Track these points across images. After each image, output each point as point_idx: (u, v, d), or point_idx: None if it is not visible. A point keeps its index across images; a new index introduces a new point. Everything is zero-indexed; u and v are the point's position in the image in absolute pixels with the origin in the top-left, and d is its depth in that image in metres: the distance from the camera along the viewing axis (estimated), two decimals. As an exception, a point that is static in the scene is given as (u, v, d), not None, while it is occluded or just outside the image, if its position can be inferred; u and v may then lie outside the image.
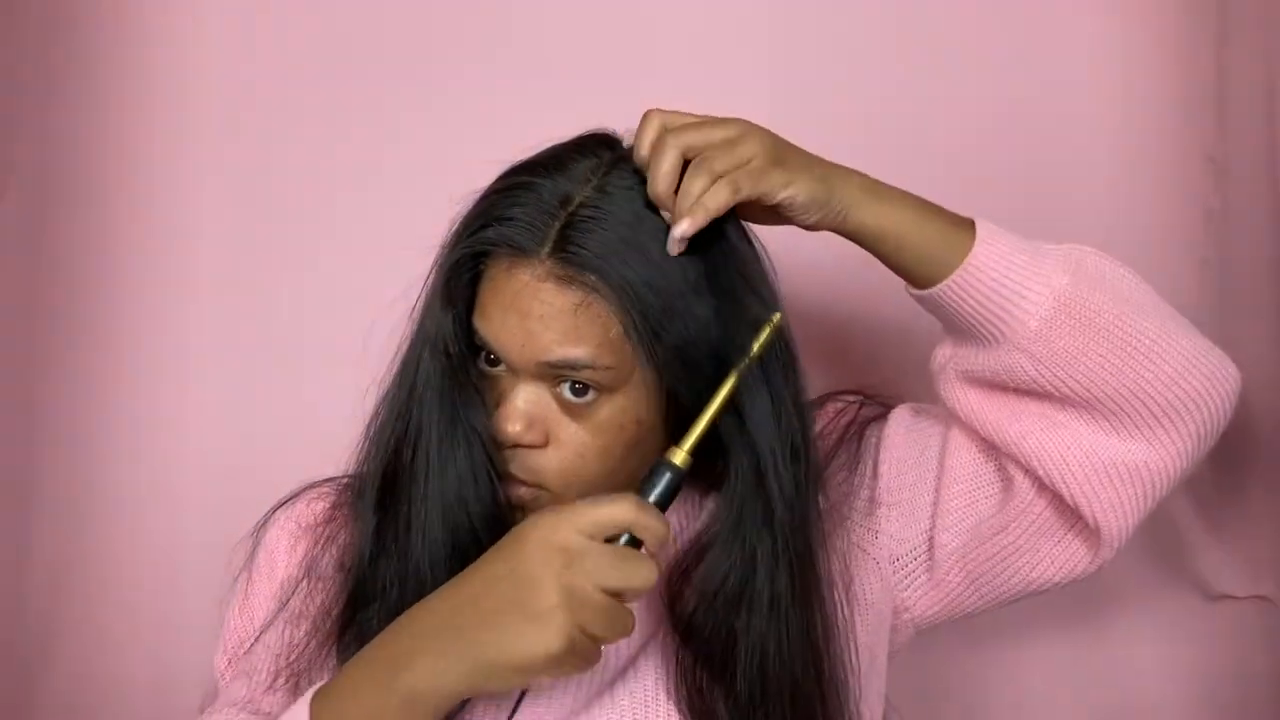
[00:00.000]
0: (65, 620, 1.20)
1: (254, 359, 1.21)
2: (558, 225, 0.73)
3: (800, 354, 0.81)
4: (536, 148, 0.80)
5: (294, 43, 1.21)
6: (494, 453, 0.78)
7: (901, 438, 0.89)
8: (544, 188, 0.74)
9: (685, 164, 0.74)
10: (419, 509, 0.78)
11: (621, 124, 0.82)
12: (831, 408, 0.93)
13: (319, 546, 0.86)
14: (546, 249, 0.73)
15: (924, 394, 0.92)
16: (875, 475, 0.88)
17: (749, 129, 0.76)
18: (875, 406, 0.93)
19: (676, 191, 0.74)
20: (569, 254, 0.73)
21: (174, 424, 1.21)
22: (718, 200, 0.72)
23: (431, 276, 0.81)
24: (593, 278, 0.72)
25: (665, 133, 0.74)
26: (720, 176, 0.73)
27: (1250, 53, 1.09)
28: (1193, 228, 1.14)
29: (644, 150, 0.75)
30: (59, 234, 1.18)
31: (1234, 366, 0.81)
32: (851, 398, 0.93)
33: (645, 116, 0.76)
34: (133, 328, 1.20)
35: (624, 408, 0.76)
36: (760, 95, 1.16)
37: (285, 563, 0.87)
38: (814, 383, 0.97)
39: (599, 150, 0.78)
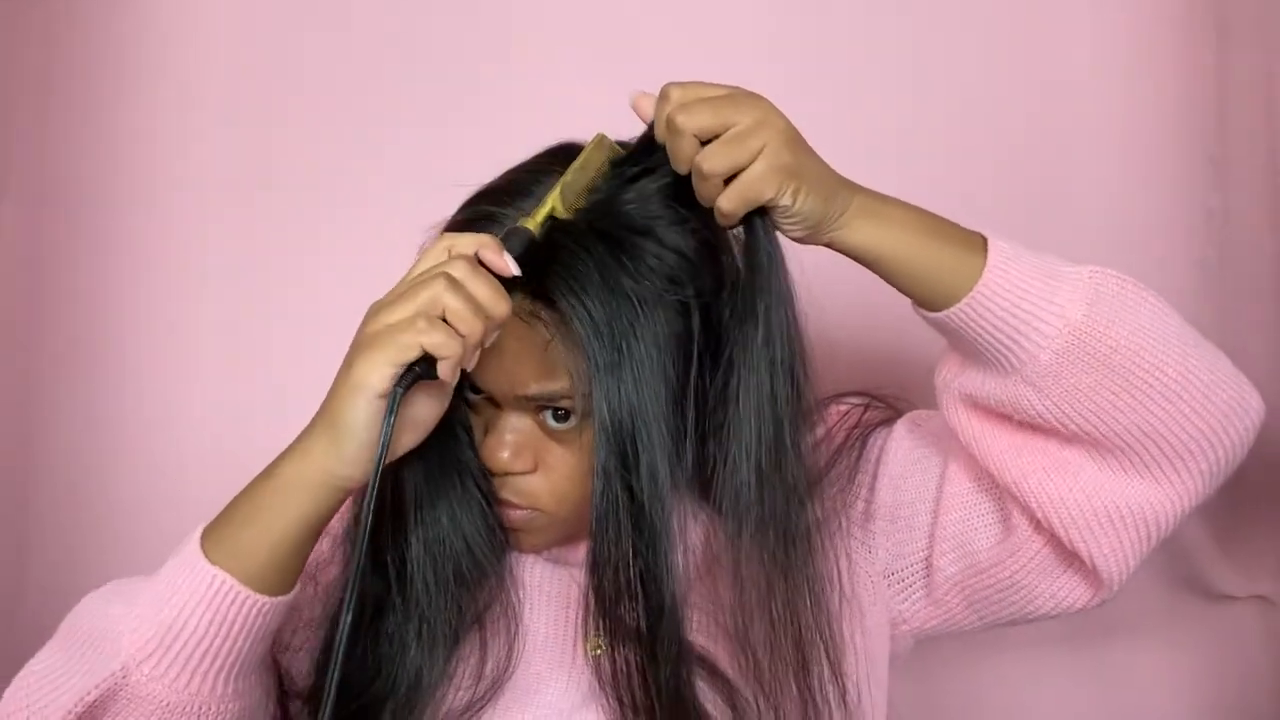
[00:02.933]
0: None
1: (255, 358, 1.21)
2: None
3: (813, 355, 0.78)
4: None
5: (295, 43, 1.21)
6: (482, 480, 0.79)
7: (903, 453, 0.86)
8: (507, 218, 0.74)
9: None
10: (416, 543, 0.79)
11: (619, 121, 0.80)
12: (836, 410, 0.90)
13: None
14: None
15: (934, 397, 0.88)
16: (873, 489, 0.86)
17: (765, 118, 0.70)
18: (881, 410, 0.89)
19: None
20: (534, 287, 0.72)
21: (174, 423, 1.21)
22: (728, 219, 0.72)
23: None
24: (557, 315, 0.72)
25: (678, 113, 0.69)
26: (719, 176, 0.70)
27: (1250, 53, 1.09)
28: (1193, 228, 1.14)
29: (660, 132, 0.72)
30: (59, 235, 1.18)
31: (1256, 398, 0.76)
32: (857, 400, 0.90)
33: (662, 92, 0.72)
34: (133, 328, 1.20)
35: None
36: (765, 80, 1.16)
37: None
38: (833, 382, 0.91)
39: (559, 168, 0.75)
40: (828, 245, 0.75)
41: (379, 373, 0.65)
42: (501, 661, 0.80)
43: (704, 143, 0.70)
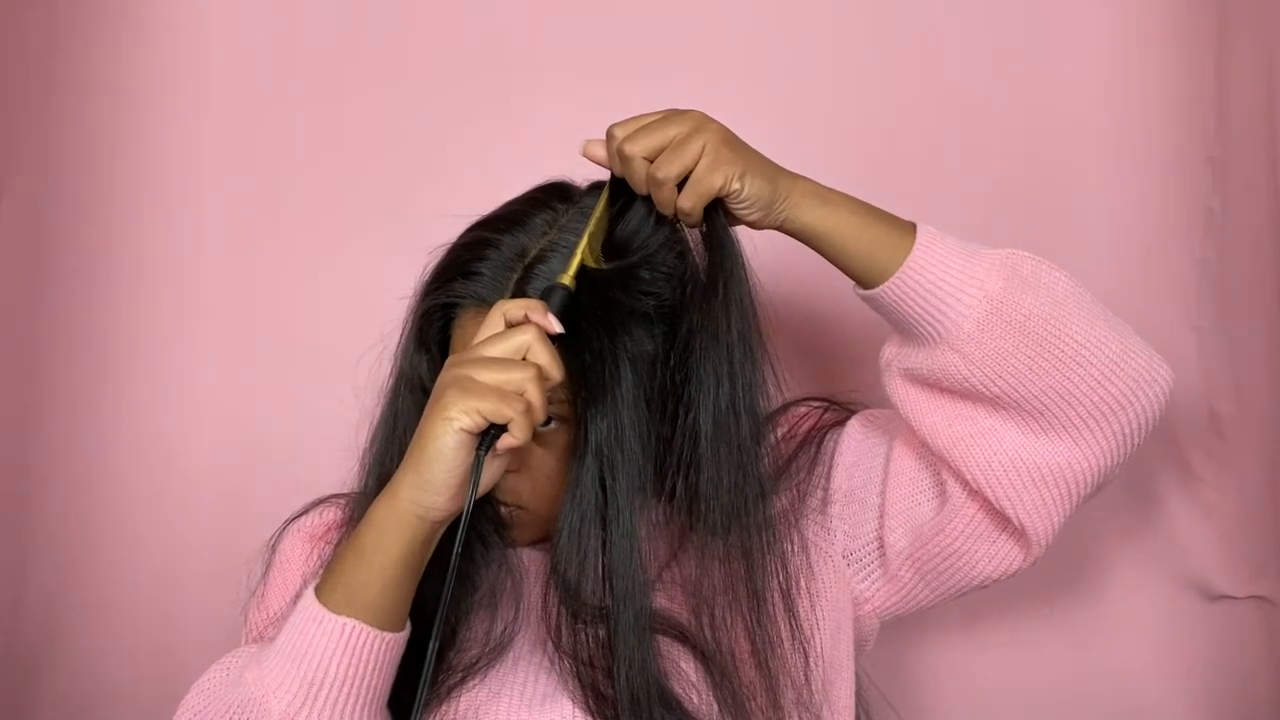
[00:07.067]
0: (65, 624, 1.20)
1: (255, 362, 1.21)
2: (515, 278, 0.82)
3: (774, 359, 0.85)
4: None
5: (297, 47, 1.21)
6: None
7: (855, 443, 0.93)
8: (503, 243, 0.83)
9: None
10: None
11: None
12: (796, 412, 0.97)
13: (330, 549, 0.90)
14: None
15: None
16: (829, 476, 0.93)
17: (699, 125, 0.79)
18: (838, 412, 0.97)
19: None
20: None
21: (174, 426, 1.21)
22: (690, 220, 0.81)
23: (407, 322, 0.89)
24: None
25: (624, 144, 0.79)
26: (671, 181, 0.78)
27: (1250, 53, 1.09)
28: (1193, 228, 1.14)
29: (615, 167, 0.81)
30: (59, 235, 1.18)
31: (1165, 369, 0.83)
32: (817, 403, 0.98)
33: (607, 134, 0.81)
34: (133, 330, 1.20)
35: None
36: (758, 98, 1.17)
37: (300, 569, 0.92)
38: (805, 387, 1.01)
39: (554, 203, 0.85)
40: (780, 227, 0.83)
41: (468, 415, 0.72)
42: (509, 626, 0.86)
43: (653, 162, 0.79)
